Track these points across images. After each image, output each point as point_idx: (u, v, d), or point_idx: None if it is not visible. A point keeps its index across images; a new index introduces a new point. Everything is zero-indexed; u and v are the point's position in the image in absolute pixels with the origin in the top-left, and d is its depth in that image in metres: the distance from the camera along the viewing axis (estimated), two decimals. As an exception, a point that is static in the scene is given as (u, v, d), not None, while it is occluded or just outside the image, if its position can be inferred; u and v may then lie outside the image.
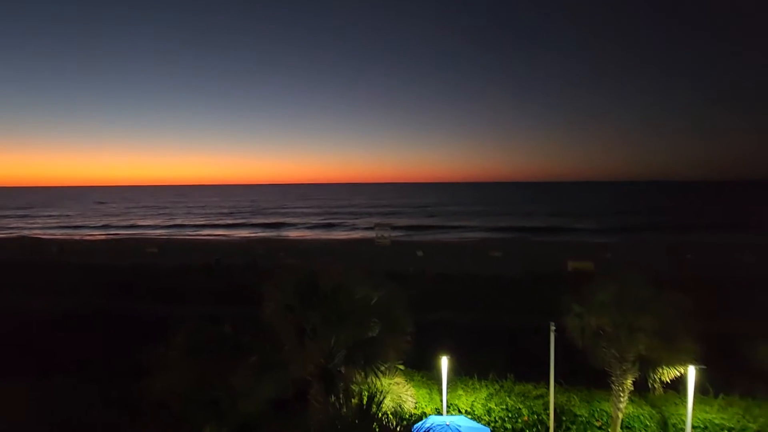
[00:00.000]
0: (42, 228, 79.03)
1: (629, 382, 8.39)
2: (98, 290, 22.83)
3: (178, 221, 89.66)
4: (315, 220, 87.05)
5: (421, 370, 11.04)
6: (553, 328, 8.85)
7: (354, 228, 73.55)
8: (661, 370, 8.18)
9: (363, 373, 7.85)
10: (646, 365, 8.24)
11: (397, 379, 9.83)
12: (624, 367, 8.27)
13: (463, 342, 12.42)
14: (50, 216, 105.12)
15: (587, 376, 9.56)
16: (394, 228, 61.29)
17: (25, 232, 71.32)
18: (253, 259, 32.34)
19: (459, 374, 10.70)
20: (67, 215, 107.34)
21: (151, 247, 46.38)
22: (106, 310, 18.97)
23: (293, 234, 67.49)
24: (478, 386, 10.32)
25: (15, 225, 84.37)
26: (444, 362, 9.57)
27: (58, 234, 68.67)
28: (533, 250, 42.38)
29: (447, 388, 9.76)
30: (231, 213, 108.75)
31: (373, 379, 8.15)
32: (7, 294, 22.00)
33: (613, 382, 8.52)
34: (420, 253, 39.29)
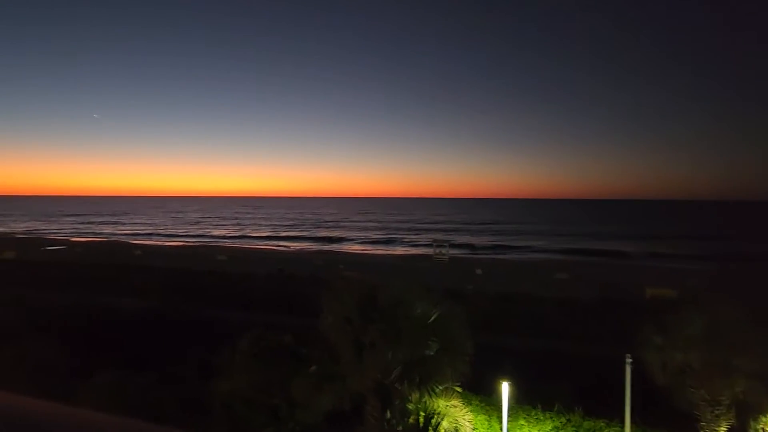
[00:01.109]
0: (129, 234, 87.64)
1: (723, 429, 7.39)
2: (174, 293, 24.66)
3: (245, 231, 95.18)
4: (374, 234, 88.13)
5: (480, 394, 10.57)
6: (629, 360, 8.07)
7: (412, 243, 73.36)
8: (763, 419, 7.11)
9: (418, 393, 7.66)
10: (745, 411, 7.21)
11: (454, 402, 9.48)
12: (716, 412, 7.30)
13: (524, 368, 11.73)
14: (136, 223, 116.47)
15: (669, 417, 8.57)
16: (453, 245, 60.25)
17: (118, 238, 79.52)
18: (314, 271, 33.28)
19: (520, 402, 10.09)
20: (151, 223, 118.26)
21: (221, 255, 49.51)
22: (179, 312, 20.39)
23: (352, 247, 68.77)
24: (542, 417, 9.65)
25: (108, 231, 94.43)
26: (505, 388, 9.08)
27: (143, 240, 75.72)
28: (604, 273, 39.44)
29: (508, 416, 9.23)
30: (294, 225, 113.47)
31: (428, 400, 7.92)
32: (96, 293, 24.47)
33: (702, 428, 7.54)
34: (479, 272, 38.16)
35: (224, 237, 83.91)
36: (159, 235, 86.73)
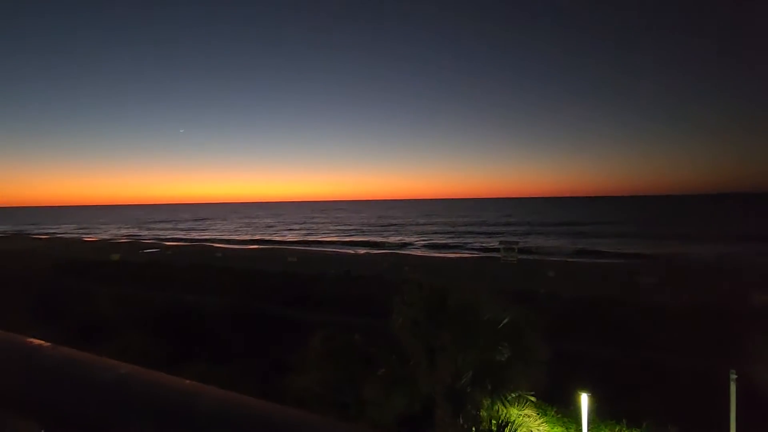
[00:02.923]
0: (211, 238, 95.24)
1: None
2: (249, 292, 26.34)
3: (315, 234, 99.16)
4: (440, 237, 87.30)
5: (555, 405, 10.02)
6: (733, 375, 7.18)
7: (479, 245, 71.56)
8: None
9: (490, 399, 7.43)
10: None
11: (528, 411, 9.06)
12: None
13: (605, 379, 10.91)
14: (217, 228, 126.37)
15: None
16: (522, 249, 57.79)
17: (202, 241, 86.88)
18: (380, 273, 33.74)
19: (602, 416, 9.40)
20: (229, 227, 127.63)
21: (292, 257, 52.00)
22: (255, 310, 21.70)
23: (417, 249, 68.71)
24: (627, 434, 8.92)
25: (194, 235, 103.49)
26: (584, 399, 8.51)
27: (222, 243, 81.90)
28: (696, 276, 35.52)
29: (588, 431, 8.63)
30: (360, 227, 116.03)
31: (501, 407, 7.65)
32: (185, 291, 26.86)
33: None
34: (551, 274, 36.22)
35: (295, 240, 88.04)
36: (236, 240, 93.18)
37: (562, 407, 9.94)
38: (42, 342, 1.09)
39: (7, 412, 1.01)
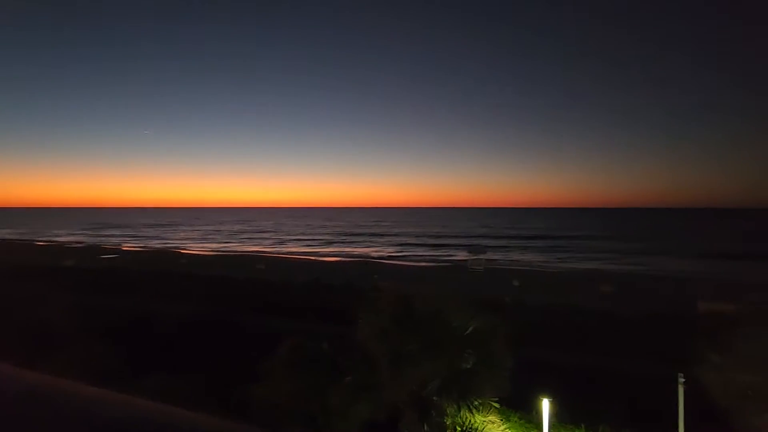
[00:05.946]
0: (175, 244, 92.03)
1: (793, 459, 6.76)
2: (215, 299, 25.59)
3: (284, 241, 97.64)
4: (411, 246, 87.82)
5: (519, 410, 10.25)
6: (681, 379, 7.58)
7: (448, 253, 72.54)
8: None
9: (456, 406, 7.52)
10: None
11: (492, 418, 9.23)
12: (785, 441, 6.69)
13: (566, 385, 11.25)
14: (182, 233, 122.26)
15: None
16: (489, 260, 59.01)
17: (165, 247, 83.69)
18: (349, 281, 33.54)
19: (563, 421, 9.69)
20: (197, 233, 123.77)
21: (260, 264, 50.92)
22: (220, 317, 21.10)
23: (388, 258, 68.84)
24: (586, 437, 9.22)
25: (156, 241, 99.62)
26: (545, 405, 8.76)
27: (187, 249, 79.24)
28: (651, 285, 37.35)
29: (549, 435, 8.88)
30: (329, 235, 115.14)
31: (466, 414, 7.76)
32: (145, 298, 25.79)
33: (768, 457, 6.93)
34: (516, 283, 37.12)
35: (264, 246, 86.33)
36: (202, 246, 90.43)
37: (525, 413, 10.17)
38: None
39: None
